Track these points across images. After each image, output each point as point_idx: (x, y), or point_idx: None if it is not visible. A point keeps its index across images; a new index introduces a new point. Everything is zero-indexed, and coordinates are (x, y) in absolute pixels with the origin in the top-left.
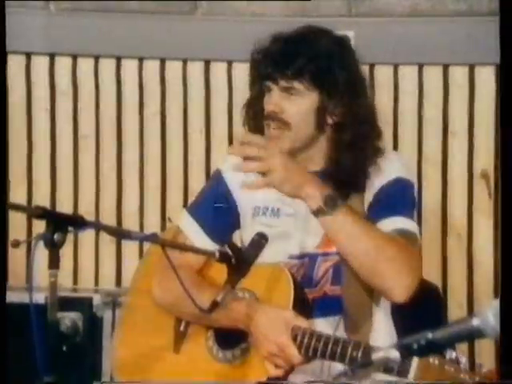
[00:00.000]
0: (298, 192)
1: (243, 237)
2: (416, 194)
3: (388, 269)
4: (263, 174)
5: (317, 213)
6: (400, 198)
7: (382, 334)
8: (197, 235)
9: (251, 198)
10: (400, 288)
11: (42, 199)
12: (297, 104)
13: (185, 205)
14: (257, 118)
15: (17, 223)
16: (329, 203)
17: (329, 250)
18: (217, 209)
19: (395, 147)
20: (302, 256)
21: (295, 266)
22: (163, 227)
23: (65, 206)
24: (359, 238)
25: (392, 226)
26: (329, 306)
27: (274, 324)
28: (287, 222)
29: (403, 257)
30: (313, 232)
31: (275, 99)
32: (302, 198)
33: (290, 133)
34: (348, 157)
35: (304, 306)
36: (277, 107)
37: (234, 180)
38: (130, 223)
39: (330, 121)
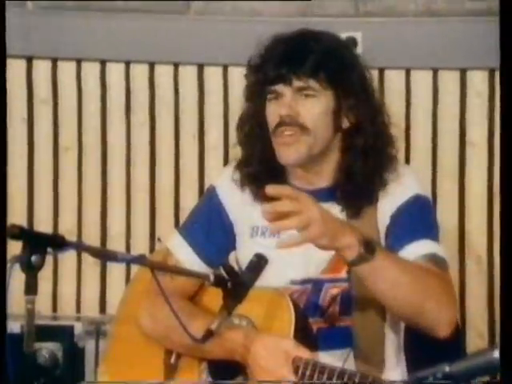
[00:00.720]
0: (334, 244)
1: (239, 259)
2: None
3: (432, 306)
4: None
5: (354, 262)
6: (422, 218)
7: (395, 367)
8: (188, 258)
9: (249, 217)
10: (445, 323)
11: (18, 217)
12: (313, 106)
13: (176, 223)
14: (256, 132)
15: None
16: (367, 250)
17: (336, 276)
18: (210, 229)
19: (407, 159)
20: (304, 281)
21: (297, 292)
22: (152, 248)
23: (43, 225)
24: (401, 281)
25: (420, 251)
26: (337, 337)
27: (273, 355)
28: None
29: (443, 289)
30: (318, 255)
31: (288, 102)
32: (337, 250)
33: (308, 138)
34: (362, 164)
35: (307, 335)
36: (292, 110)
37: (230, 197)
38: (116, 244)
39: (345, 124)
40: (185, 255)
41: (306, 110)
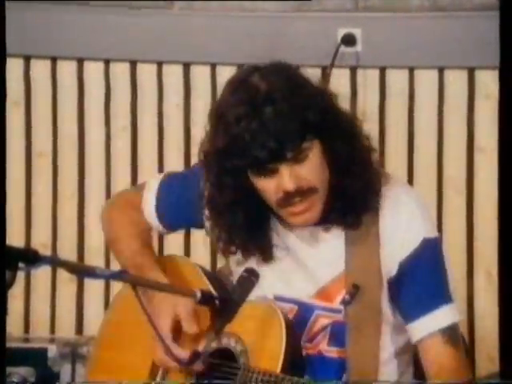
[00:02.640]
0: None
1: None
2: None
3: None
4: None
5: None
6: (435, 275)
7: None
8: (149, 210)
9: None
10: None
11: None
12: (311, 164)
13: (160, 235)
14: (239, 202)
15: None
16: None
17: (329, 305)
18: (182, 195)
19: (410, 168)
20: (291, 301)
21: (281, 309)
22: None
23: (15, 238)
24: None
25: (437, 324)
26: (324, 367)
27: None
28: (276, 256)
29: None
30: (308, 277)
31: (288, 177)
32: None
33: (318, 194)
34: (350, 182)
35: (297, 355)
36: (298, 180)
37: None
38: (94, 258)
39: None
40: (148, 206)
41: (308, 172)
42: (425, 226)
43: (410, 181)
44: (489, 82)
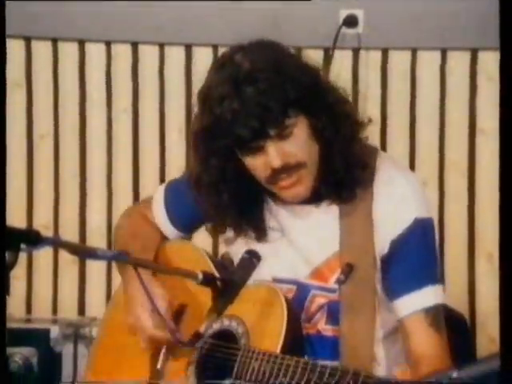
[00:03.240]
0: None
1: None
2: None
3: None
4: None
5: None
6: (424, 255)
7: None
8: (159, 215)
9: None
10: None
11: None
12: (297, 139)
13: None
14: (229, 182)
15: None
16: None
17: (324, 285)
18: (189, 195)
19: (412, 150)
20: (289, 281)
21: (280, 290)
22: None
23: (17, 220)
24: None
25: (421, 303)
26: (323, 346)
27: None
28: (271, 237)
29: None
30: (304, 258)
31: (275, 154)
32: None
33: (307, 168)
34: (333, 152)
35: (297, 336)
36: (285, 157)
37: None
38: (96, 239)
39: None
40: (159, 215)
41: (294, 148)
42: (417, 206)
43: (412, 163)
44: (491, 64)
